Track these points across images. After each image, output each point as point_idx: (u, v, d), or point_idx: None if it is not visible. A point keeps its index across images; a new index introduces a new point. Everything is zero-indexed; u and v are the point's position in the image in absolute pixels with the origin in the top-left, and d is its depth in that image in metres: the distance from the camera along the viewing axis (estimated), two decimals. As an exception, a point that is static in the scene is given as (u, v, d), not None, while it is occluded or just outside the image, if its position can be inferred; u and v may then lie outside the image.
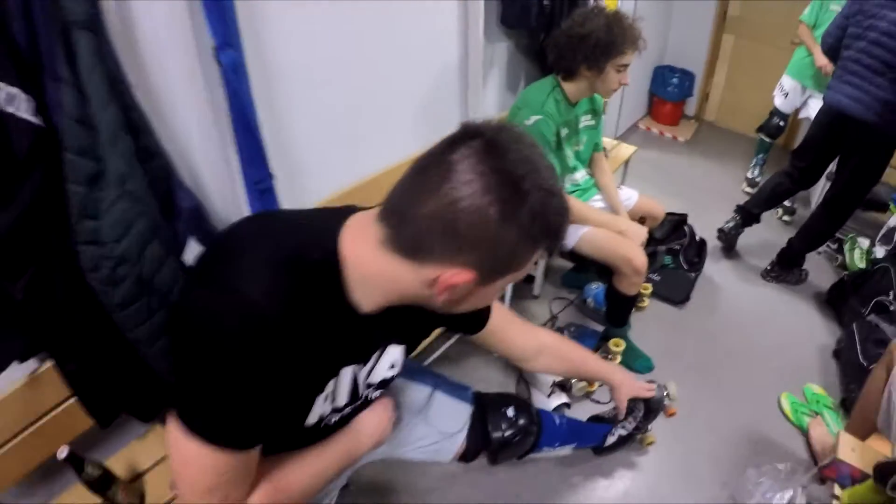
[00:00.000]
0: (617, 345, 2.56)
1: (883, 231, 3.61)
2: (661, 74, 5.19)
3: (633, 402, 1.96)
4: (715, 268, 3.44)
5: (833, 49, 2.98)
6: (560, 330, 2.69)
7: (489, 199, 0.77)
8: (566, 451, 2.19)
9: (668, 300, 3.09)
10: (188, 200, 1.36)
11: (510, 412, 1.60)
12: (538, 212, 0.80)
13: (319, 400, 1.00)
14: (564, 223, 0.87)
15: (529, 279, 2.96)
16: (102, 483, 1.37)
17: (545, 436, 1.73)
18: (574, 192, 2.51)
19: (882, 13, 2.65)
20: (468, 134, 0.82)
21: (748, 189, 4.35)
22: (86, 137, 1.06)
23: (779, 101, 4.06)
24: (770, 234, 3.71)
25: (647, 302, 3.02)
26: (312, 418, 1.02)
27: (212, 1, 1.26)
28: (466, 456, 1.55)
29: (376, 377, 1.14)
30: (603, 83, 2.17)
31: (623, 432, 2.07)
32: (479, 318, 1.34)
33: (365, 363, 1.07)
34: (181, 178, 1.38)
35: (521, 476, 2.18)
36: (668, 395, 2.03)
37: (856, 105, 2.78)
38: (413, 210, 0.81)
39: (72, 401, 1.36)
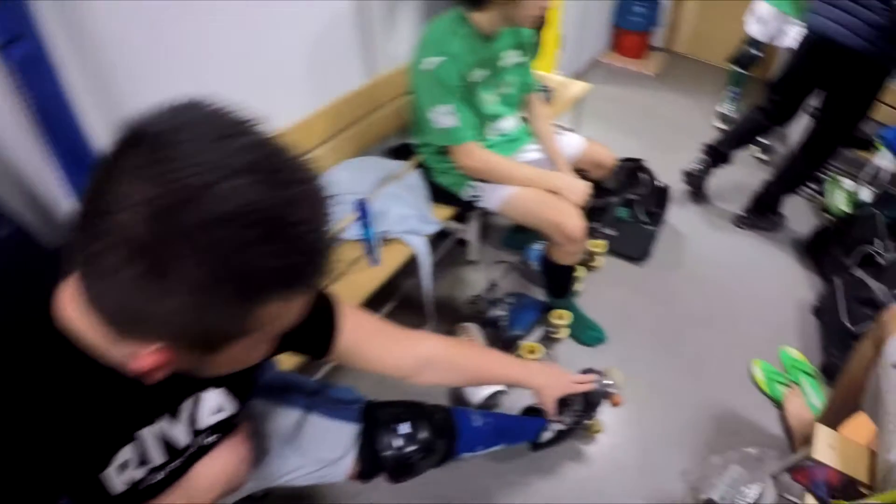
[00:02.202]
0: (560, 317, 2.23)
1: (868, 171, 3.32)
2: (625, 2, 4.76)
3: (569, 398, 1.60)
4: (681, 215, 3.09)
5: None
6: (496, 302, 2.31)
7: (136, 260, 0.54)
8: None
9: (626, 257, 2.75)
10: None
11: (404, 428, 1.36)
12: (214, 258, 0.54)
13: (111, 472, 0.81)
14: (292, 253, 0.58)
15: (463, 242, 2.56)
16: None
17: (462, 443, 1.50)
18: (500, 142, 2.10)
19: None
20: (129, 140, 0.57)
21: (721, 125, 3.98)
22: None
23: (753, 29, 3.68)
24: (743, 174, 3.36)
25: (600, 261, 2.65)
26: (117, 488, 0.83)
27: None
28: (364, 476, 1.36)
29: (201, 424, 0.96)
30: (517, 9, 1.75)
31: (561, 427, 1.73)
32: (318, 338, 1.08)
33: (174, 416, 0.90)
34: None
35: (450, 475, 1.85)
36: (610, 384, 1.67)
37: (843, 30, 2.39)
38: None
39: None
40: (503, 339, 2.21)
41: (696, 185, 3.18)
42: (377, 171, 2.13)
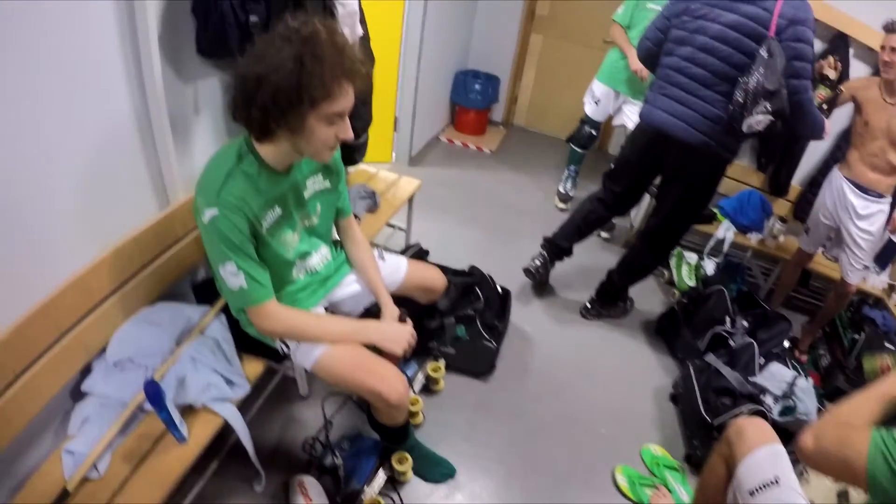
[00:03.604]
0: (401, 461, 1.98)
1: (711, 243, 3.41)
2: (463, 81, 4.76)
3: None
4: (525, 312, 2.93)
5: (651, 55, 2.49)
6: (332, 448, 1.98)
7: None
8: None
9: (469, 373, 2.51)
10: None
11: None
12: None
13: None
14: None
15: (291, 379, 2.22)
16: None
17: None
18: (310, 283, 1.79)
19: (714, 13, 2.19)
20: None
21: (561, 205, 3.97)
22: None
23: (590, 109, 3.70)
24: (587, 256, 3.29)
25: (441, 384, 2.41)
26: None
27: None
28: None
29: None
30: (308, 143, 1.44)
31: None
32: None
33: None
34: None
35: None
36: None
37: (678, 124, 2.32)
38: None
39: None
40: (343, 494, 1.90)
41: (539, 280, 3.03)
42: (174, 323, 1.79)
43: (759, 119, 2.09)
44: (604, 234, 3.69)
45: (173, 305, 1.88)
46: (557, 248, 2.92)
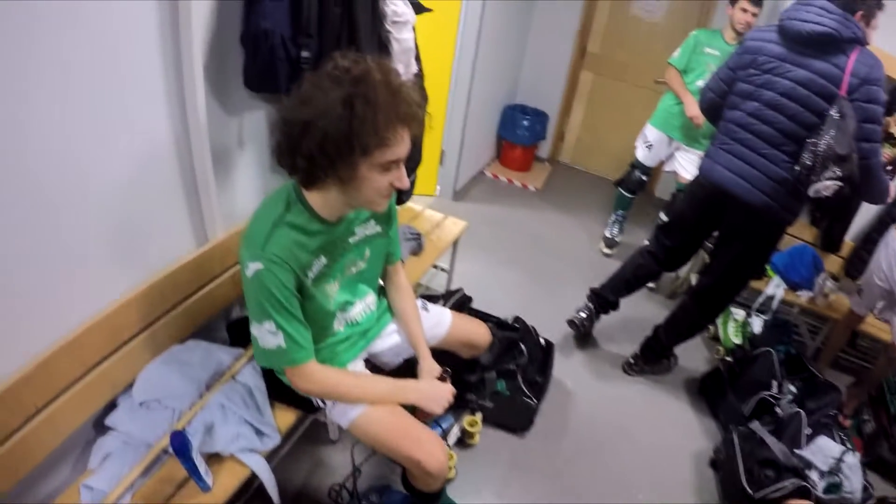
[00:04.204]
0: None
1: (760, 300, 3.28)
2: (511, 116, 4.71)
3: None
4: (566, 365, 2.84)
5: (714, 107, 2.40)
6: (360, 498, 1.94)
7: None
8: None
9: (506, 428, 2.43)
10: None
11: None
12: None
13: None
14: None
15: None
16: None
17: None
18: (349, 336, 1.72)
19: (782, 68, 2.10)
20: None
21: (606, 250, 3.88)
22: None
23: (641, 154, 3.63)
24: (631, 307, 3.17)
25: (476, 437, 2.33)
26: None
27: None
28: None
29: None
30: (360, 192, 1.34)
31: None
32: None
33: None
34: None
35: None
36: None
37: (740, 182, 2.23)
38: None
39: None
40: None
41: (582, 333, 2.94)
42: (204, 365, 1.74)
43: (827, 185, 1.98)
44: (649, 284, 3.57)
45: (204, 346, 1.84)
46: (604, 301, 2.84)
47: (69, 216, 1.40)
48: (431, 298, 2.36)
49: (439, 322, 1.93)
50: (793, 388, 2.59)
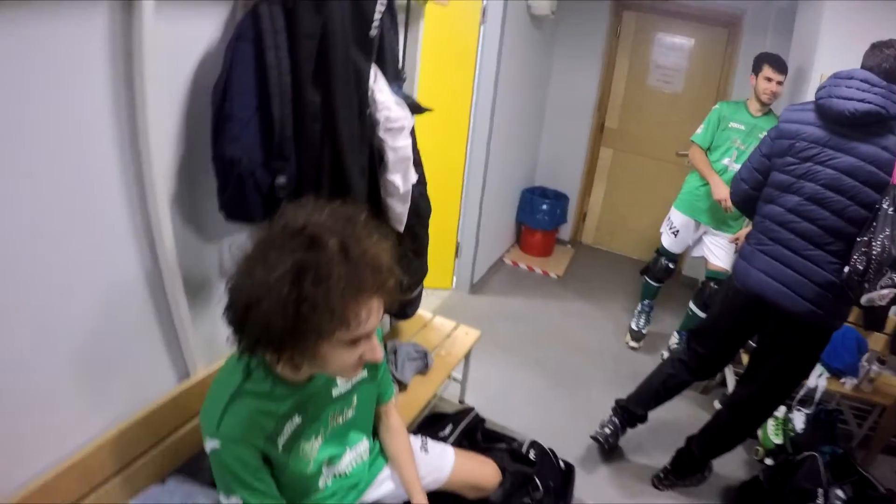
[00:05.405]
0: None
1: (801, 393, 2.95)
2: (530, 200, 4.57)
3: None
4: (589, 483, 2.56)
5: (749, 199, 2.17)
6: None
7: None
8: None
9: (525, 561, 2.15)
10: None
11: None
12: None
13: None
14: None
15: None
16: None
17: None
18: (336, 491, 1.49)
19: (824, 155, 1.89)
20: None
21: (633, 343, 3.62)
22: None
23: (667, 241, 3.43)
24: (662, 408, 2.87)
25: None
26: None
27: None
28: None
29: None
30: (324, 368, 1.16)
31: None
32: None
33: None
34: None
35: None
36: None
37: (780, 289, 1.99)
38: None
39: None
40: None
41: (607, 449, 2.66)
42: None
43: (883, 294, 1.75)
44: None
45: (186, 487, 1.63)
46: (631, 415, 2.58)
47: (37, 356, 1.29)
48: (439, 418, 2.18)
49: (440, 466, 1.71)
50: (841, 494, 2.30)
